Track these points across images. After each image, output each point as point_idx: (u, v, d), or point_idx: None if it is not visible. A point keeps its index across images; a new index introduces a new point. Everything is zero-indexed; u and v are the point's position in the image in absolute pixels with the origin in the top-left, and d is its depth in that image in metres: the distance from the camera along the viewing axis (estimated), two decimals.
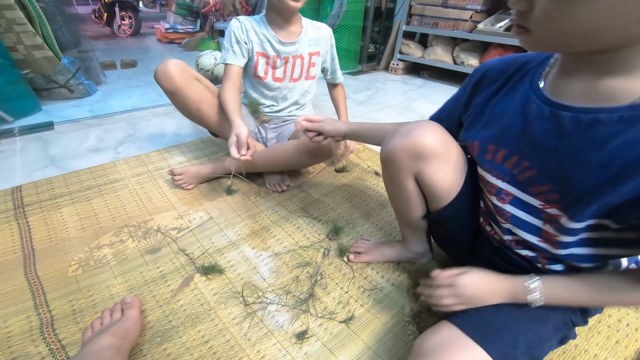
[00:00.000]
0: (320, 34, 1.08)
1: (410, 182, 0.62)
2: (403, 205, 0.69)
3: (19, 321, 0.65)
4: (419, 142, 0.56)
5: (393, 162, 0.61)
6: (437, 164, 0.57)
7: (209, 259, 0.80)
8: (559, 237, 0.46)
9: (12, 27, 1.46)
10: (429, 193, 0.62)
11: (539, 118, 0.44)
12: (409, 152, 0.57)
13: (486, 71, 0.57)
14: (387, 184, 0.71)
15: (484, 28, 2.12)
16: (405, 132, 0.58)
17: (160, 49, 3.40)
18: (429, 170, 0.57)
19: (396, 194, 0.68)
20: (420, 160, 0.57)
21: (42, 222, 0.89)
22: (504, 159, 0.49)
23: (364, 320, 0.68)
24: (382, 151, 0.63)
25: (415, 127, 0.57)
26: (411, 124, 0.59)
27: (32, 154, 1.24)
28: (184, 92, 0.97)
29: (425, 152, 0.56)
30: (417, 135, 0.56)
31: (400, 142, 0.58)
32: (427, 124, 0.58)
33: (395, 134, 0.60)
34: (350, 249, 0.84)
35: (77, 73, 1.76)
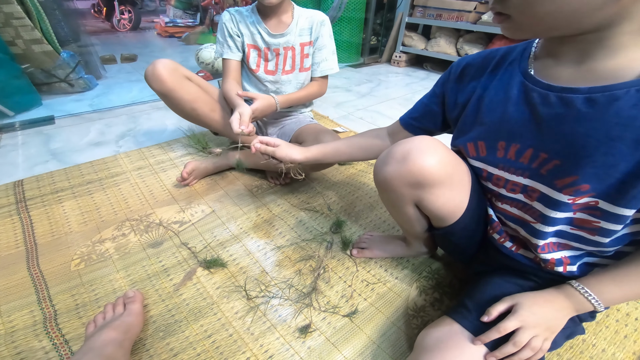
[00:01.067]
0: (312, 22, 1.01)
1: (410, 207, 0.58)
2: (404, 224, 0.66)
3: (22, 316, 0.65)
4: (418, 169, 0.49)
5: (389, 190, 0.55)
6: (439, 190, 0.51)
7: (211, 252, 0.80)
8: (600, 224, 0.43)
9: (10, 22, 1.45)
10: (432, 216, 0.58)
11: (545, 105, 0.42)
12: (406, 180, 0.51)
13: (465, 67, 0.54)
14: (386, 205, 0.67)
15: (489, 19, 2.08)
16: (400, 156, 0.51)
17: (160, 43, 3.37)
18: (431, 198, 0.52)
19: (396, 215, 0.65)
20: (420, 188, 0.51)
21: (44, 216, 0.89)
22: (517, 154, 0.46)
23: (368, 314, 0.68)
24: (376, 177, 0.57)
25: (412, 151, 0.50)
26: (405, 144, 0.51)
27: (33, 149, 1.23)
28: (176, 93, 0.94)
29: (425, 181, 0.50)
30: (415, 161, 0.49)
31: (396, 170, 0.51)
32: (423, 144, 0.50)
33: (388, 157, 0.53)
34: (353, 244, 0.83)
35: (77, 67, 1.75)
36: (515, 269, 0.57)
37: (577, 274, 0.50)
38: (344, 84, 2.17)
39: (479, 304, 0.51)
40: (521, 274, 0.56)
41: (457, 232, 0.58)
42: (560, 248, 0.50)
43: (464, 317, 0.50)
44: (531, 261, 0.54)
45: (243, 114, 0.82)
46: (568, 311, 0.47)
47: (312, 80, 1.09)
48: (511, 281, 0.55)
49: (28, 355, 0.58)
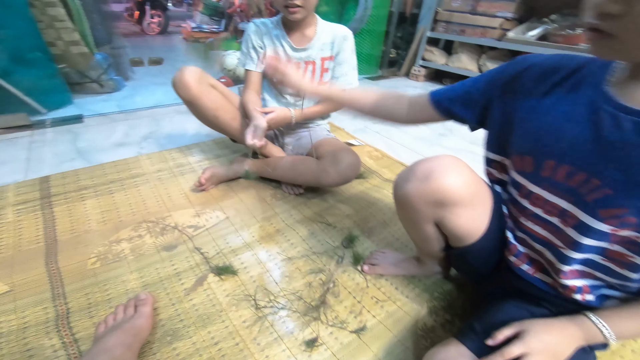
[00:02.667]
0: (334, 36, 1.02)
1: (429, 226, 0.57)
2: (420, 242, 0.66)
3: (35, 312, 0.66)
4: (442, 189, 0.49)
5: (409, 207, 0.55)
6: (461, 210, 0.51)
7: (223, 259, 0.81)
8: (634, 259, 0.41)
9: (54, 24, 1.54)
10: (450, 235, 0.57)
11: (615, 128, 0.39)
12: (429, 199, 0.51)
13: (529, 67, 0.49)
14: (402, 222, 0.67)
15: (515, 36, 2.06)
16: (423, 175, 0.50)
17: (186, 48, 3.49)
18: (452, 217, 0.52)
19: (413, 232, 0.64)
20: (441, 207, 0.51)
21: (67, 213, 0.92)
22: (567, 176, 0.43)
23: (376, 331, 0.67)
24: (396, 192, 0.57)
25: (435, 170, 0.49)
26: (428, 162, 0.51)
27: (61, 146, 1.29)
28: (200, 101, 0.97)
29: (448, 200, 0.49)
30: (439, 180, 0.49)
31: (418, 188, 0.51)
32: (447, 163, 0.50)
33: (410, 174, 0.52)
34: (365, 260, 0.82)
35: (108, 69, 1.83)
36: (529, 293, 0.55)
37: (594, 304, 0.48)
38: None
39: (487, 327, 0.50)
40: (534, 300, 0.54)
41: (474, 253, 0.57)
42: (583, 276, 0.48)
43: (471, 339, 0.49)
44: (548, 285, 0.53)
45: (258, 127, 0.85)
46: (577, 341, 0.45)
47: None
48: (522, 307, 0.53)
49: (37, 353, 0.59)
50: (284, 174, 1.04)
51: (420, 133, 1.62)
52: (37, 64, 1.46)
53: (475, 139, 1.56)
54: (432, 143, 1.53)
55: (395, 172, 1.23)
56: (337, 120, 1.71)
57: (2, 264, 0.75)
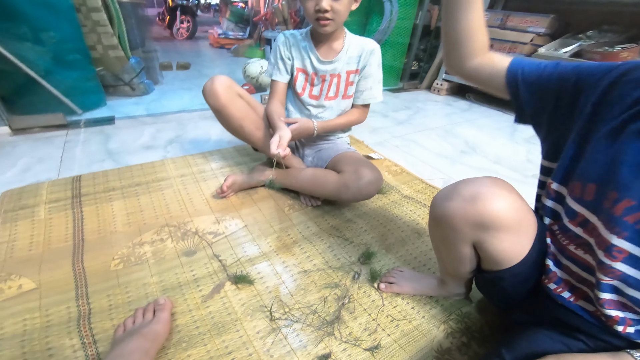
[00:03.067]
0: (362, 50, 1.02)
1: (466, 247, 0.55)
2: (451, 262, 0.64)
3: (59, 311, 0.68)
4: (488, 212, 0.47)
5: (448, 227, 0.53)
6: (504, 235, 0.49)
7: (241, 268, 0.82)
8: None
9: (96, 28, 1.63)
10: (487, 258, 0.55)
11: None
12: (471, 221, 0.49)
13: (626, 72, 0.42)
14: (435, 241, 0.65)
15: (546, 52, 2.00)
16: (469, 195, 0.49)
17: (211, 54, 3.60)
18: (494, 241, 0.50)
19: (445, 252, 0.63)
20: (484, 230, 0.49)
21: (95, 213, 0.96)
22: (626, 211, 0.40)
23: (390, 350, 0.66)
24: (436, 210, 0.55)
25: (482, 191, 0.48)
26: (474, 183, 0.50)
27: (93, 146, 1.35)
28: (228, 110, 0.99)
29: (492, 224, 0.48)
30: (486, 202, 0.47)
31: (462, 208, 0.49)
32: (495, 186, 0.48)
33: (454, 193, 0.51)
34: (382, 278, 0.81)
35: (141, 72, 1.91)
36: (566, 323, 0.53)
37: (634, 338, 0.46)
38: (382, 109, 2.17)
39: (517, 356, 0.48)
40: (569, 332, 0.51)
41: (509, 278, 0.55)
42: (622, 308, 0.46)
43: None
44: (590, 314, 0.50)
45: (282, 138, 0.87)
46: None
47: (353, 107, 1.11)
48: (556, 339, 0.51)
49: (57, 352, 0.61)
50: (304, 185, 1.04)
51: (442, 150, 1.60)
52: (77, 66, 1.55)
53: (499, 159, 1.52)
54: (454, 161, 1.50)
55: (415, 189, 1.22)
56: (356, 133, 1.71)
57: (32, 261, 0.79)
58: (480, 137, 1.78)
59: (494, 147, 1.66)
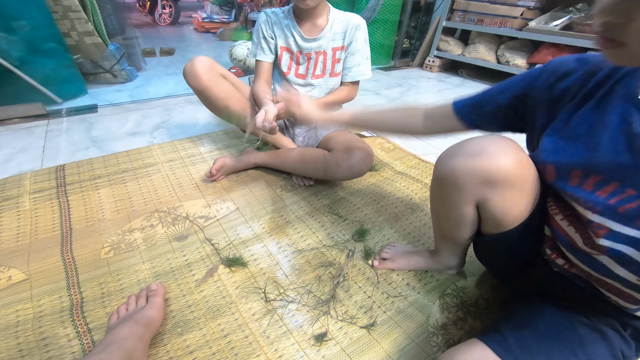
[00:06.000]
0: (347, 25, 0.98)
1: (469, 207, 0.54)
2: (451, 226, 0.62)
3: (51, 301, 0.67)
4: (494, 166, 0.46)
5: (452, 185, 0.52)
6: (509, 192, 0.48)
7: (234, 250, 0.81)
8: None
9: (68, 14, 1.55)
10: (489, 219, 0.54)
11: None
12: (477, 176, 0.48)
13: (566, 72, 0.47)
14: (436, 203, 0.63)
15: (537, 26, 1.97)
16: (475, 150, 0.48)
17: (196, 38, 3.48)
18: (497, 199, 0.49)
19: (445, 215, 0.61)
20: (489, 186, 0.48)
21: (81, 201, 0.93)
22: (596, 186, 0.42)
23: (386, 327, 0.66)
24: (440, 168, 0.54)
25: (489, 147, 0.47)
26: (480, 139, 0.49)
27: (76, 135, 1.31)
28: (210, 91, 0.96)
29: (498, 179, 0.47)
30: (492, 156, 0.46)
31: (467, 163, 0.48)
32: (502, 142, 0.47)
33: (458, 150, 0.50)
34: (375, 255, 0.81)
35: (121, 59, 1.84)
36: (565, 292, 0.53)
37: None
38: (373, 87, 2.13)
39: (516, 331, 0.48)
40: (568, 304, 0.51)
41: (509, 241, 0.54)
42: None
43: (498, 343, 0.46)
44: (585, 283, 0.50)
45: (268, 112, 0.84)
46: None
47: (342, 84, 1.08)
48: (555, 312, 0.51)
49: (52, 342, 0.60)
50: (295, 165, 1.03)
51: None
52: (52, 54, 1.47)
53: None
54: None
55: (408, 165, 1.21)
56: None
57: (20, 252, 0.77)
58: None
59: None
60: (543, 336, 0.47)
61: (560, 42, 1.89)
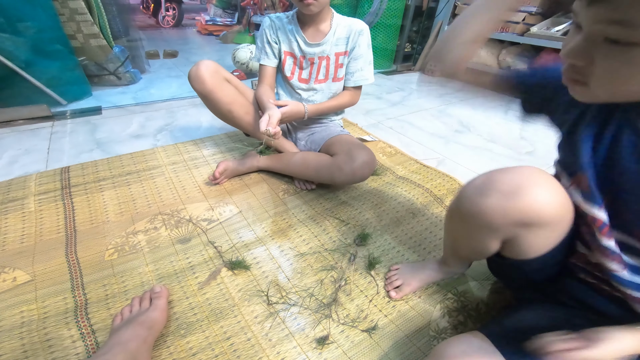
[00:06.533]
0: (350, 31, 0.99)
1: (495, 242, 0.50)
2: (469, 252, 0.59)
3: (56, 302, 0.68)
4: (533, 209, 0.42)
5: (481, 225, 0.47)
6: (545, 231, 0.44)
7: (236, 253, 0.81)
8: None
9: (74, 17, 1.57)
10: (514, 250, 0.50)
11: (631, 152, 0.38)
12: (513, 219, 0.43)
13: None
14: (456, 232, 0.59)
15: (538, 31, 1.98)
16: (508, 189, 0.43)
17: (200, 41, 3.50)
18: (531, 237, 0.45)
19: (465, 244, 0.57)
20: (524, 227, 0.44)
21: (86, 203, 0.94)
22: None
23: (387, 331, 0.66)
24: (467, 206, 0.49)
25: (524, 182, 0.42)
26: (513, 174, 0.44)
27: (80, 137, 1.32)
28: (215, 95, 0.97)
29: (536, 222, 0.43)
30: (530, 198, 0.42)
31: (501, 205, 0.43)
32: (538, 176, 0.43)
33: (489, 188, 0.45)
34: (386, 286, 0.76)
35: (126, 61, 1.85)
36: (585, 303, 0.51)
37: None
38: (375, 91, 2.14)
39: (519, 327, 0.48)
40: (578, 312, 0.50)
41: (534, 265, 0.51)
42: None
43: (499, 336, 0.47)
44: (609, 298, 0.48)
45: (272, 116, 0.86)
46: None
47: (345, 89, 1.09)
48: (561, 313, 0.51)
49: (56, 343, 0.60)
50: (297, 169, 1.03)
51: (436, 130, 1.59)
52: (58, 56, 1.49)
53: (493, 137, 1.52)
54: (448, 140, 1.49)
55: (410, 170, 1.21)
56: (350, 116, 1.69)
57: (24, 253, 0.78)
58: (474, 116, 1.76)
59: (488, 126, 1.65)
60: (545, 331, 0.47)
61: (561, 47, 1.90)
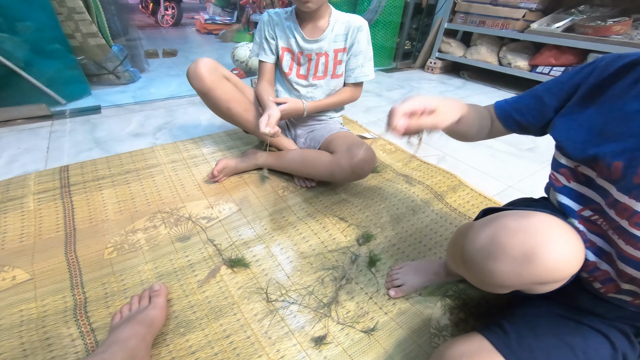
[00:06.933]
0: (348, 27, 0.98)
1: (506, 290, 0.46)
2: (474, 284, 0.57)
3: (55, 301, 0.67)
4: (552, 271, 0.38)
5: (488, 282, 0.44)
6: (558, 284, 0.41)
7: (236, 251, 0.81)
8: None
9: (72, 16, 1.56)
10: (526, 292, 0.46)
11: None
12: (527, 281, 0.40)
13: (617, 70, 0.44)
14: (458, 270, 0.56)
15: (539, 28, 1.97)
16: (521, 254, 0.39)
17: (199, 40, 3.50)
18: (545, 288, 0.42)
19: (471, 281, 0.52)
20: (539, 285, 0.41)
21: (85, 202, 0.94)
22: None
23: (388, 329, 0.66)
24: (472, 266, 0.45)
25: (539, 245, 0.38)
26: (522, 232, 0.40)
27: (80, 136, 1.31)
28: (214, 92, 0.97)
29: (555, 279, 0.39)
30: (548, 262, 0.38)
31: (515, 271, 0.39)
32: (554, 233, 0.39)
33: (499, 252, 0.40)
34: (387, 284, 0.76)
35: (125, 60, 1.85)
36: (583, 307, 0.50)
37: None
38: (375, 88, 2.14)
39: (517, 327, 0.48)
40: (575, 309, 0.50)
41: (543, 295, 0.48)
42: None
43: (498, 337, 0.47)
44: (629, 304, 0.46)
45: (271, 116, 0.86)
46: None
47: (345, 86, 1.08)
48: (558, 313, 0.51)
49: (55, 342, 0.60)
50: (297, 167, 1.03)
51: None
52: (56, 55, 1.49)
53: None
54: (449, 137, 1.48)
55: (410, 167, 1.21)
56: (350, 113, 1.69)
57: (24, 252, 0.78)
58: None
59: None
60: (544, 334, 0.47)
61: (562, 44, 1.89)
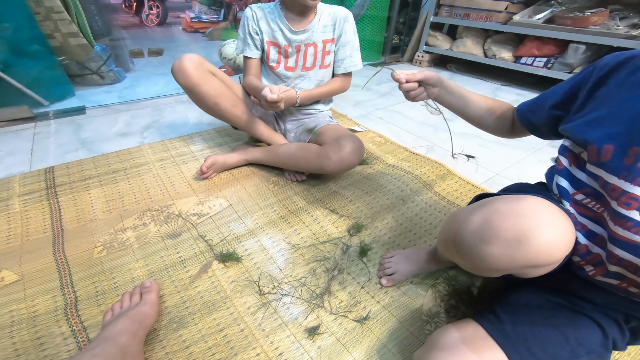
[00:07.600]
0: (335, 18, 0.99)
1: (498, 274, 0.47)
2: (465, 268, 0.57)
3: (45, 301, 0.67)
4: (544, 253, 0.38)
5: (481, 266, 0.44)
6: (550, 268, 0.42)
7: (227, 246, 0.81)
8: None
9: (50, 15, 1.53)
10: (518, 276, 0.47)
11: None
12: (520, 264, 0.40)
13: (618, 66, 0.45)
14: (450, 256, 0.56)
15: (521, 20, 2.00)
16: (513, 237, 0.39)
17: (185, 38, 3.45)
18: (537, 272, 0.42)
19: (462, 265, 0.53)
20: (533, 268, 0.41)
21: (72, 202, 0.93)
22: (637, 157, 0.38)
23: (380, 317, 0.67)
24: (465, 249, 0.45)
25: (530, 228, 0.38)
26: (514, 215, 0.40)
27: (65, 137, 1.29)
28: (200, 88, 0.96)
29: (547, 262, 0.40)
30: (541, 244, 0.38)
31: (507, 255, 0.40)
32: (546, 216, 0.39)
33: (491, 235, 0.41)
34: (378, 273, 0.77)
35: (108, 60, 1.82)
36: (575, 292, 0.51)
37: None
38: (364, 82, 2.14)
39: (511, 314, 0.49)
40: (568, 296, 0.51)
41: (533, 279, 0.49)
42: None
43: (492, 324, 0.48)
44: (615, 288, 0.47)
45: (272, 88, 0.85)
46: None
47: (335, 76, 1.09)
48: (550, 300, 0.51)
49: (47, 340, 0.60)
50: (287, 160, 1.03)
51: (425, 119, 1.60)
52: (37, 56, 1.45)
53: None
54: (437, 128, 1.50)
55: (399, 158, 1.22)
56: (339, 107, 1.69)
57: (11, 254, 0.76)
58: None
59: None
60: (537, 322, 0.47)
61: (543, 35, 1.92)
